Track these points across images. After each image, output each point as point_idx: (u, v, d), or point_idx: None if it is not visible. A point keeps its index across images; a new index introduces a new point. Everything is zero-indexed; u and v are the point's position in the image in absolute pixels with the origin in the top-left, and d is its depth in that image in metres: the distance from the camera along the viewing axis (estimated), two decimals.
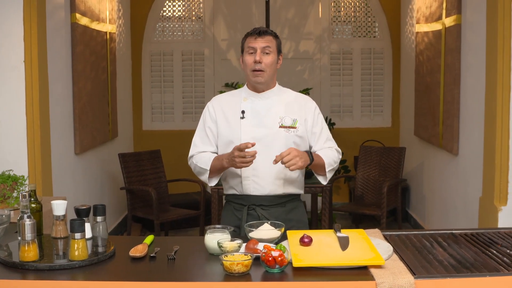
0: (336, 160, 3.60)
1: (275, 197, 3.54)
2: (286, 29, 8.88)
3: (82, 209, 3.04)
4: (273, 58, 3.50)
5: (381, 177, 7.34)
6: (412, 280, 2.52)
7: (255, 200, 3.53)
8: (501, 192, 4.94)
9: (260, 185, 3.51)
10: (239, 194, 3.57)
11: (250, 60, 3.48)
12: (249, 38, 3.51)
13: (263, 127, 3.50)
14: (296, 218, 3.61)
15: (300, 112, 3.56)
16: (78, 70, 6.05)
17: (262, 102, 3.55)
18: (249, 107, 3.55)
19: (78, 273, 2.69)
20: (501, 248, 3.03)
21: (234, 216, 3.59)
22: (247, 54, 3.50)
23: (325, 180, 3.60)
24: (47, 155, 5.17)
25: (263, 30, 3.51)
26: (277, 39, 3.55)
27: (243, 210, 3.54)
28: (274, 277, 2.60)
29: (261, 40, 3.47)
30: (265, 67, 3.47)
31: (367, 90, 9.04)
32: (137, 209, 7.05)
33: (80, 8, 6.10)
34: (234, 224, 3.52)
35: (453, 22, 6.06)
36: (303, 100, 3.64)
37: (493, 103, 4.96)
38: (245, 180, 3.51)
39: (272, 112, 3.53)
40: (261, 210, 3.51)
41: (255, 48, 3.47)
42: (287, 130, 3.49)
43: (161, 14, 8.91)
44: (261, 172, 3.49)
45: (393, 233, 3.29)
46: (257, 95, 3.56)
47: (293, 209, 3.62)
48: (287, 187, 3.55)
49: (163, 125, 8.98)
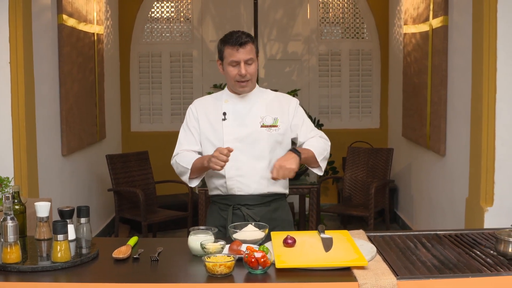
0: (326, 147, 3.60)
1: (260, 196, 3.54)
2: (274, 30, 8.88)
3: (66, 210, 3.03)
4: (256, 65, 3.53)
5: (369, 178, 7.35)
6: (394, 281, 2.52)
7: (240, 199, 3.54)
8: (487, 193, 4.95)
9: (244, 185, 3.52)
10: (224, 194, 3.58)
11: (234, 72, 3.49)
12: (230, 49, 3.48)
13: (245, 127, 3.52)
14: (281, 217, 3.62)
15: (280, 110, 3.58)
16: (65, 72, 6.04)
17: (243, 103, 3.58)
18: (230, 109, 3.57)
19: (60, 275, 2.68)
20: (484, 249, 3.04)
21: (220, 216, 3.60)
22: (230, 66, 3.50)
23: (321, 170, 3.59)
24: (33, 156, 5.15)
25: (244, 40, 3.46)
26: (255, 44, 3.55)
27: (228, 210, 3.55)
28: (257, 278, 2.60)
29: (243, 52, 3.46)
30: (250, 76, 3.50)
31: (356, 91, 9.04)
32: (124, 210, 7.04)
33: (67, 9, 6.09)
34: (220, 224, 3.54)
35: (440, 23, 6.08)
36: (283, 98, 3.68)
37: (479, 104, 4.98)
38: (229, 181, 3.52)
39: (253, 112, 3.55)
40: (246, 209, 3.53)
41: (238, 61, 3.46)
42: (269, 129, 3.51)
43: (149, 15, 8.90)
44: (246, 172, 3.51)
45: (377, 234, 3.30)
46: (238, 96, 3.59)
47: (278, 208, 3.62)
48: (272, 186, 3.56)
49: (151, 127, 8.96)
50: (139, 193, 6.72)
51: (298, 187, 6.36)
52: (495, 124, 4.88)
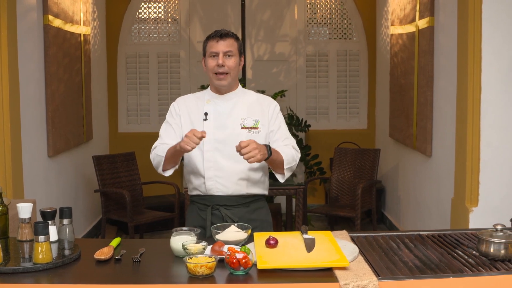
0: (295, 158, 3.59)
1: (239, 197, 3.55)
2: (261, 31, 8.88)
3: (48, 211, 3.02)
4: (236, 60, 3.53)
5: (356, 179, 7.36)
6: (375, 282, 2.52)
7: (218, 200, 3.54)
8: (472, 193, 4.97)
9: (223, 186, 3.52)
10: (203, 195, 3.59)
11: (213, 64, 3.50)
12: (211, 41, 3.53)
13: (225, 129, 3.52)
14: (260, 218, 3.61)
15: (262, 112, 3.58)
16: (51, 72, 6.02)
17: (224, 104, 3.58)
18: (211, 109, 3.57)
19: (42, 276, 2.67)
20: (467, 249, 3.05)
21: (199, 217, 3.61)
22: (210, 58, 3.53)
23: (283, 178, 3.59)
24: (18, 157, 5.14)
25: (224, 32, 3.53)
26: (238, 42, 3.58)
27: (207, 210, 3.55)
28: (239, 279, 2.59)
29: (223, 44, 3.49)
30: (228, 69, 3.50)
31: (343, 92, 9.06)
32: (111, 211, 7.02)
33: (53, 10, 6.07)
34: (199, 225, 3.54)
35: (426, 24, 6.10)
36: (264, 100, 3.67)
37: (464, 105, 5.00)
38: (208, 181, 3.53)
39: (234, 114, 3.55)
40: (225, 210, 3.53)
41: (217, 52, 3.49)
42: (249, 131, 3.51)
43: (136, 16, 8.88)
44: (224, 173, 3.51)
45: (360, 234, 3.30)
46: (220, 97, 3.59)
47: (257, 209, 3.63)
48: (251, 187, 3.56)
49: (139, 127, 8.95)
50: (125, 194, 6.71)
51: (285, 188, 6.37)
52: (480, 124, 4.90)
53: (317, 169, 8.51)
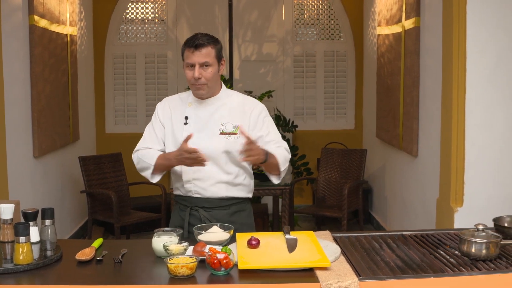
0: (287, 159, 3.56)
1: (218, 199, 3.53)
2: (249, 32, 8.88)
3: (30, 212, 3.01)
4: (213, 69, 3.45)
5: (342, 179, 7.37)
6: (356, 282, 2.53)
7: (197, 202, 3.54)
8: (457, 194, 4.98)
9: (201, 188, 3.52)
10: (183, 195, 3.59)
11: (190, 75, 3.45)
12: (187, 51, 3.45)
13: (204, 134, 3.49)
14: (239, 221, 3.57)
15: (243, 117, 3.52)
16: (36, 73, 5.99)
17: (205, 108, 3.54)
18: (192, 113, 3.55)
19: (23, 277, 2.66)
20: (449, 250, 3.06)
21: (179, 217, 3.61)
22: (187, 68, 3.47)
23: (278, 179, 3.57)
24: (2, 158, 5.12)
25: (200, 43, 3.41)
26: (216, 47, 3.47)
27: (186, 211, 3.55)
28: (220, 279, 2.60)
29: (199, 55, 3.41)
30: (205, 80, 3.44)
31: (331, 92, 9.06)
32: (97, 212, 7.00)
33: (38, 10, 6.05)
34: (180, 225, 3.54)
35: (412, 24, 6.11)
36: (249, 104, 3.60)
37: (449, 106, 5.01)
38: (186, 183, 3.53)
39: (214, 119, 3.51)
40: (203, 211, 3.52)
41: (193, 63, 3.43)
42: (227, 137, 3.47)
43: (124, 16, 8.86)
44: (202, 176, 3.50)
45: (343, 234, 3.31)
46: (201, 101, 3.55)
47: (237, 212, 3.59)
48: (231, 190, 3.54)
49: (126, 128, 8.93)
50: (112, 195, 6.69)
51: (271, 188, 6.37)
52: (464, 124, 4.91)
53: (304, 170, 8.52)
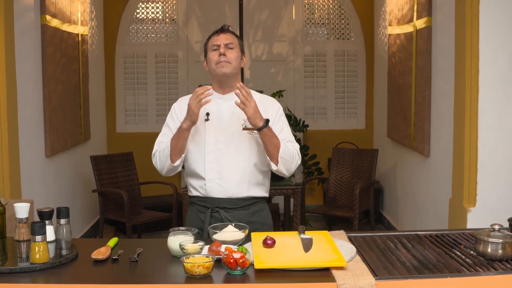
0: (293, 157, 3.47)
1: (239, 199, 3.51)
2: (259, 31, 8.88)
3: (45, 211, 3.01)
4: (237, 53, 3.52)
5: (353, 179, 7.36)
6: (373, 281, 2.52)
7: (218, 202, 3.50)
8: (470, 194, 4.96)
9: (224, 188, 3.49)
10: (202, 197, 3.54)
11: (215, 56, 3.48)
12: (212, 37, 3.55)
13: (227, 129, 3.48)
14: (259, 220, 3.57)
15: (265, 112, 3.48)
16: (48, 72, 6.01)
17: (226, 104, 3.53)
18: (213, 109, 3.52)
19: (39, 276, 2.66)
20: (464, 249, 3.04)
21: (198, 218, 3.57)
22: (211, 52, 3.51)
23: (275, 166, 3.43)
24: (15, 157, 5.13)
25: (226, 28, 3.56)
26: (239, 39, 3.58)
27: (207, 212, 3.53)
28: (236, 279, 2.59)
29: (224, 37, 3.51)
30: (230, 59, 3.47)
31: (341, 92, 9.06)
32: (109, 212, 7.02)
33: (50, 10, 6.07)
34: (198, 226, 3.50)
35: (423, 24, 6.09)
36: (267, 101, 3.61)
37: (461, 105, 4.99)
38: (209, 183, 3.49)
39: (236, 114, 3.49)
40: (225, 212, 3.49)
41: (218, 44, 3.49)
42: (251, 132, 3.46)
43: (134, 16, 8.87)
44: (225, 175, 3.47)
45: (358, 234, 3.30)
46: (222, 96, 3.54)
47: (257, 211, 3.58)
48: (252, 190, 3.52)
49: (136, 127, 8.94)
50: (123, 194, 6.70)
51: (283, 188, 6.36)
52: (477, 125, 4.89)
53: (315, 169, 8.51)
